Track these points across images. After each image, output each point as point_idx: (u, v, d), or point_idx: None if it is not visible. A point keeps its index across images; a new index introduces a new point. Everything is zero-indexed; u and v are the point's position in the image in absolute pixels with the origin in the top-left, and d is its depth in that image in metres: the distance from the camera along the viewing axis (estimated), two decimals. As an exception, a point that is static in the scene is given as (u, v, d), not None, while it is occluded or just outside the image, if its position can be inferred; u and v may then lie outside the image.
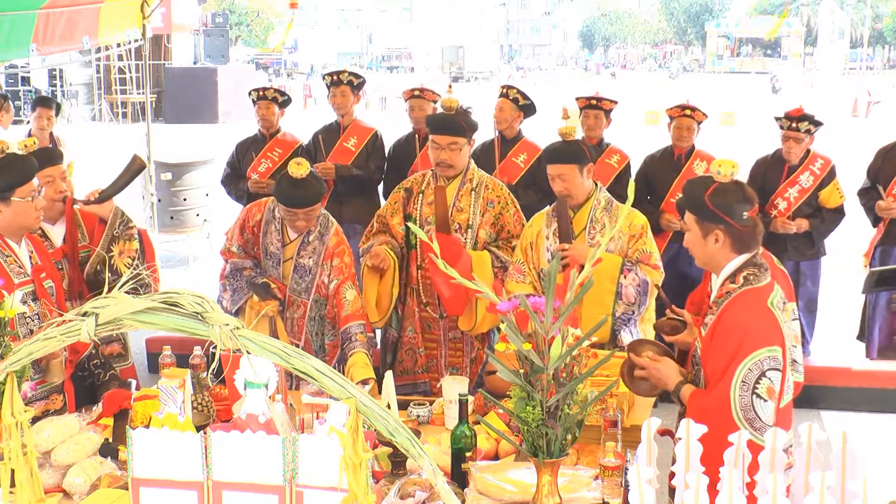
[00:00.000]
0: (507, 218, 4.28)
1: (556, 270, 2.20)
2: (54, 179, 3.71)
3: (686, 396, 2.78)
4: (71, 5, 6.69)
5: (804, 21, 59.71)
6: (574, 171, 3.86)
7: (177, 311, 1.42)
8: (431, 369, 4.44)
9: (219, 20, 27.57)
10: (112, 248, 3.76)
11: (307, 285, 3.98)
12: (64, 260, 3.73)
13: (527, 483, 2.44)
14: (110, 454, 2.75)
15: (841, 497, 1.94)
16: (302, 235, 3.97)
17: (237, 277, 4.04)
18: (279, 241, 4.00)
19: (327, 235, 3.98)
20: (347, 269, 3.99)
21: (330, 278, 3.96)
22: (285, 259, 4.00)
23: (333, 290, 3.95)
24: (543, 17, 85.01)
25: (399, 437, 1.40)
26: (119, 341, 3.98)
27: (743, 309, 2.66)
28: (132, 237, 3.82)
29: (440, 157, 4.20)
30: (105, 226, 3.79)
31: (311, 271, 3.97)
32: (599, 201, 3.95)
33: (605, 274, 3.78)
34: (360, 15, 77.34)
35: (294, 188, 3.78)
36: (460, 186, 4.28)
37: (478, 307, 4.18)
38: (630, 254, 3.87)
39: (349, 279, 3.97)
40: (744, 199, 2.73)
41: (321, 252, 3.96)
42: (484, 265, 4.15)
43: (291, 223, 3.91)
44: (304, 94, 29.27)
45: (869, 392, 5.53)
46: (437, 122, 4.27)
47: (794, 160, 5.58)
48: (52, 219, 3.77)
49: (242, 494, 1.59)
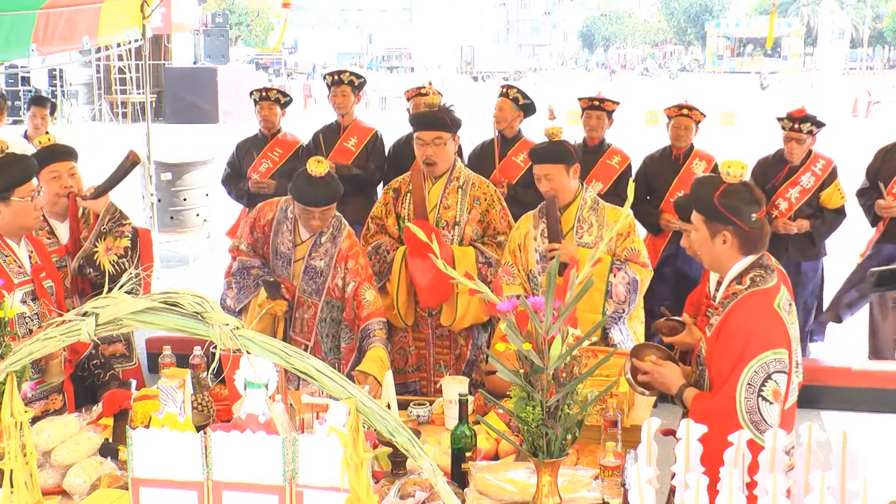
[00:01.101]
0: (493, 215, 4.30)
1: (555, 270, 2.20)
2: (60, 175, 3.71)
3: (689, 399, 2.78)
4: (71, 5, 6.69)
5: (804, 21, 59.69)
6: (561, 171, 3.89)
7: (177, 311, 1.42)
8: (421, 368, 4.46)
9: (219, 20, 27.57)
10: (97, 245, 3.73)
11: (318, 287, 3.95)
12: (67, 257, 3.73)
13: (527, 483, 2.44)
14: (110, 454, 2.75)
15: (841, 497, 1.94)
16: (314, 237, 3.94)
17: (244, 276, 4.01)
18: (290, 242, 3.96)
19: (340, 238, 3.95)
20: (364, 270, 3.97)
21: (346, 281, 3.92)
22: (296, 259, 3.97)
23: (352, 292, 3.91)
24: (543, 17, 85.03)
25: (399, 437, 1.40)
26: (123, 341, 3.99)
27: (749, 310, 2.66)
28: (123, 234, 3.77)
29: (425, 153, 4.22)
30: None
31: (322, 273, 3.94)
32: (586, 201, 3.99)
33: (595, 273, 3.78)
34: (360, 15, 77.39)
35: (312, 186, 3.75)
36: (447, 184, 4.31)
37: (458, 302, 4.20)
38: (618, 252, 3.92)
39: (367, 280, 3.95)
40: (753, 201, 2.72)
41: (333, 254, 3.93)
42: (468, 260, 4.17)
43: (306, 222, 3.87)
44: (304, 94, 29.29)
45: (869, 392, 5.53)
46: (421, 119, 4.30)
47: (797, 161, 5.59)
48: (61, 215, 3.78)
49: (242, 494, 1.59)
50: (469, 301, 4.21)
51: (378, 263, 4.31)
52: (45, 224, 3.72)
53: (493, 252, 4.24)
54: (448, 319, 4.28)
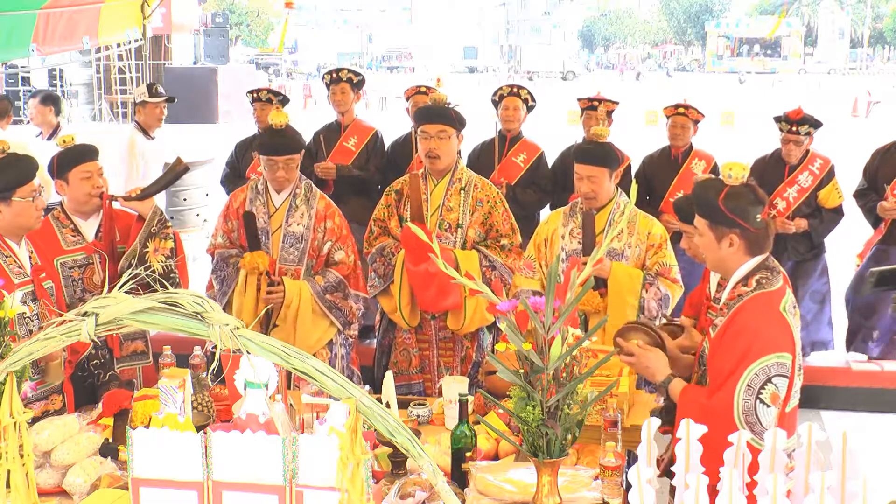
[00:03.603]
0: (495, 217, 4.28)
1: (555, 270, 2.20)
2: (92, 175, 3.77)
3: (676, 391, 2.76)
4: (71, 5, 6.69)
5: (804, 21, 59.71)
6: (604, 175, 3.85)
7: (177, 311, 1.42)
8: (425, 370, 4.45)
9: (219, 20, 27.57)
10: (148, 245, 3.82)
11: (299, 254, 4.09)
12: (95, 255, 3.76)
13: (527, 483, 2.44)
14: (110, 454, 2.75)
15: (841, 497, 1.94)
16: (288, 200, 4.10)
17: (223, 267, 4.16)
18: (266, 214, 4.13)
19: (314, 200, 4.15)
20: (339, 230, 4.14)
21: (323, 240, 4.10)
22: (273, 231, 4.11)
23: (326, 251, 4.09)
24: (543, 17, 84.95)
25: (399, 437, 1.40)
26: (142, 339, 4.01)
27: (755, 313, 2.65)
28: (168, 236, 3.88)
29: (429, 146, 4.19)
30: (142, 224, 3.84)
31: (302, 238, 4.09)
32: (619, 206, 3.93)
33: (628, 288, 3.78)
34: (360, 15, 77.41)
35: (273, 136, 4.02)
36: (449, 185, 4.29)
37: (467, 306, 4.20)
38: (649, 266, 3.86)
39: (340, 240, 4.13)
40: (757, 202, 2.70)
41: (311, 215, 4.09)
42: (472, 264, 4.15)
43: (272, 175, 4.06)
44: (304, 94, 29.28)
45: (869, 392, 5.53)
46: (426, 112, 4.30)
47: (794, 161, 5.59)
48: (87, 213, 3.82)
49: (242, 494, 1.59)
50: (476, 305, 4.20)
51: (383, 266, 4.31)
52: (70, 222, 3.78)
53: (497, 255, 4.22)
54: (456, 324, 4.27)
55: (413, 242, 4.00)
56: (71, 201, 3.78)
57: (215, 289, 4.17)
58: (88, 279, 3.76)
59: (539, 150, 5.80)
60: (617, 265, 3.79)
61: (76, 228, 3.79)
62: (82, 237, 3.79)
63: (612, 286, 3.78)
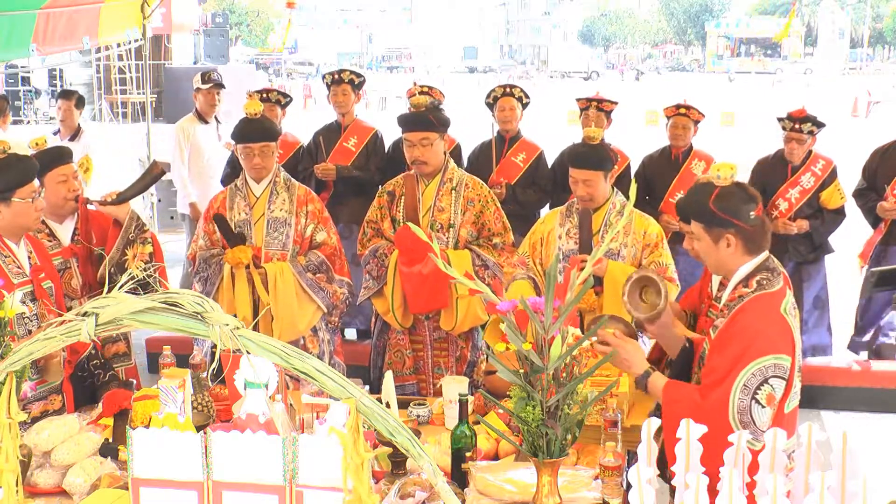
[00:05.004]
0: (487, 216, 4.28)
1: (555, 270, 2.20)
2: (68, 178, 3.70)
3: (658, 386, 2.74)
4: (71, 5, 6.69)
5: (804, 21, 59.68)
6: (600, 177, 3.84)
7: (177, 311, 1.42)
8: (419, 370, 4.44)
9: (219, 20, 27.53)
10: (126, 252, 3.76)
11: (284, 238, 4.16)
12: (73, 259, 3.72)
13: (527, 483, 2.44)
14: (110, 454, 2.75)
15: (841, 497, 1.94)
16: (269, 188, 4.19)
17: (205, 268, 4.21)
18: (247, 206, 4.20)
19: (293, 188, 4.25)
20: (319, 213, 4.25)
21: (306, 224, 4.19)
22: (255, 220, 4.17)
23: (309, 234, 4.18)
24: (543, 17, 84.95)
25: (399, 437, 1.40)
26: (124, 340, 3.99)
27: (755, 313, 2.64)
28: (146, 241, 3.82)
29: (413, 154, 4.22)
30: (119, 228, 3.78)
31: (286, 222, 4.18)
32: (615, 205, 3.92)
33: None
34: (360, 15, 77.42)
35: (248, 124, 4.15)
36: (440, 185, 4.29)
37: (458, 306, 4.19)
38: (645, 265, 3.85)
39: (322, 222, 4.23)
40: (749, 199, 2.71)
41: (293, 201, 4.19)
42: (464, 263, 4.14)
43: (249, 163, 4.15)
44: (304, 94, 29.27)
45: (869, 392, 5.53)
46: (407, 120, 4.31)
47: (797, 161, 5.59)
48: (62, 217, 3.75)
49: (242, 494, 1.59)
50: (468, 305, 4.20)
51: (377, 267, 4.31)
52: (45, 227, 3.67)
53: (489, 254, 4.23)
54: (448, 324, 4.27)
55: (407, 243, 4.00)
56: (47, 205, 3.59)
57: (199, 287, 4.17)
58: (67, 283, 3.65)
59: (538, 149, 5.80)
60: (613, 264, 3.79)
61: (52, 233, 3.69)
62: (58, 241, 3.70)
63: (607, 284, 3.77)
